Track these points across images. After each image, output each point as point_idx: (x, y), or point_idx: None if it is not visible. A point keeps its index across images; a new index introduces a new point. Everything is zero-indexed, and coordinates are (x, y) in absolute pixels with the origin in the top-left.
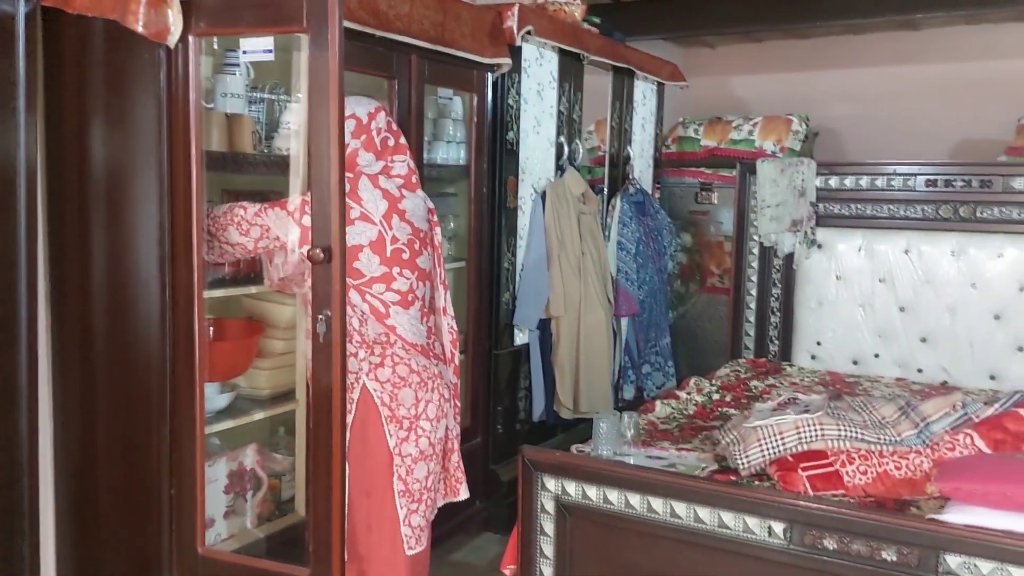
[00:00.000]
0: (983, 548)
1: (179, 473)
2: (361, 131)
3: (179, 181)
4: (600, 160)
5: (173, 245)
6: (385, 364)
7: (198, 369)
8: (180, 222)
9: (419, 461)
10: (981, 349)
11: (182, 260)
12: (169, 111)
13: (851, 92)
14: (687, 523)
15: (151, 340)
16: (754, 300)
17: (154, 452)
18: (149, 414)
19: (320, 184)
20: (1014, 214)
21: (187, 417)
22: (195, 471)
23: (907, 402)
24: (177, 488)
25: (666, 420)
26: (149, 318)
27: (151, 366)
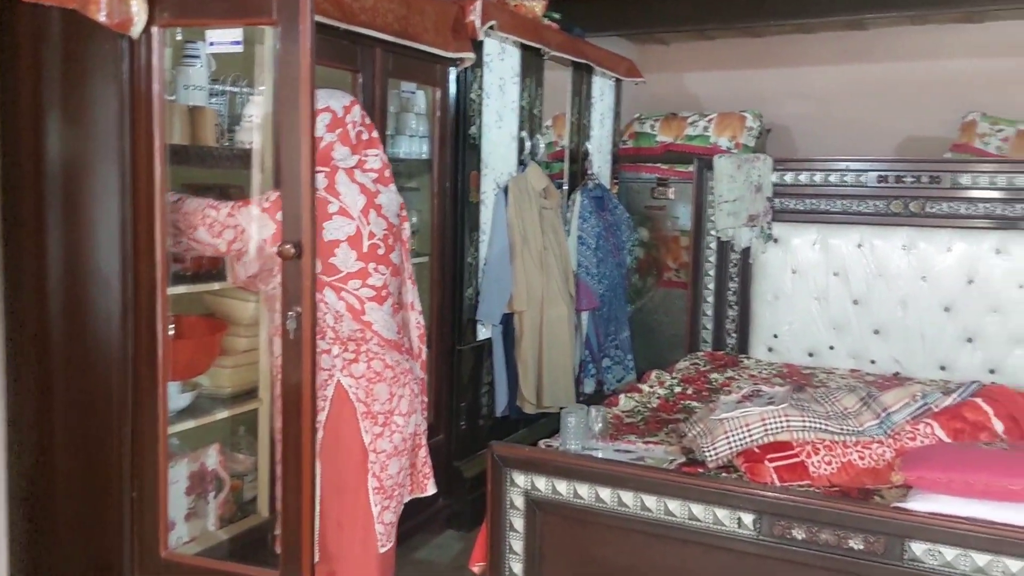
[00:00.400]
0: (947, 535)
1: (140, 475)
2: (337, 124)
3: (141, 175)
4: (558, 155)
5: (135, 241)
6: (360, 360)
7: (161, 368)
8: (142, 217)
9: (392, 457)
10: (932, 340)
11: (144, 256)
12: (131, 103)
13: (801, 90)
14: (657, 516)
15: (111, 338)
16: (712, 294)
17: (115, 453)
18: (109, 414)
19: (291, 179)
20: (962, 209)
21: (149, 417)
22: (157, 473)
23: (868, 393)
24: (139, 490)
25: (631, 413)
26: (109, 316)
27: (111, 365)
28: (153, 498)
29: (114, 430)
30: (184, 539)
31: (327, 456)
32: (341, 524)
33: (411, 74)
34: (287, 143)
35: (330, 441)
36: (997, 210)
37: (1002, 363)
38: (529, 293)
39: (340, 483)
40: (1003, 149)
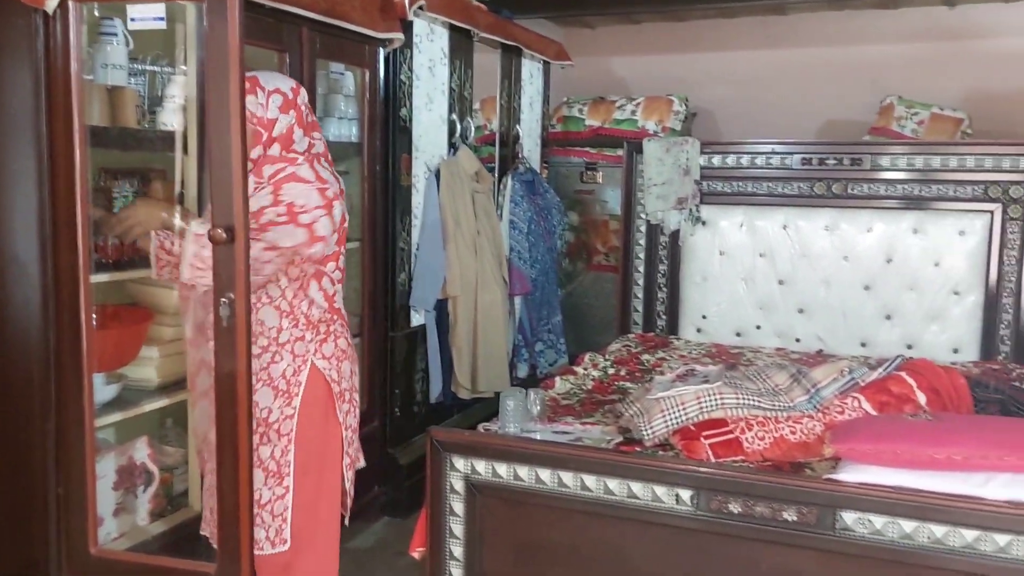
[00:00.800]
0: (876, 504)
1: (66, 470)
2: (289, 106)
3: (60, 158)
4: (487, 139)
5: (55, 227)
6: (328, 340)
7: (85, 359)
8: (62, 202)
9: (355, 432)
10: (853, 318)
11: (65, 242)
12: (47, 83)
13: (725, 74)
14: (597, 495)
15: (31, 329)
16: (642, 277)
17: (38, 449)
18: (31, 409)
19: (221, 162)
20: (881, 190)
21: (74, 411)
22: (84, 468)
23: (798, 370)
24: (65, 486)
25: (567, 395)
26: (29, 305)
27: (32, 357)
28: (80, 494)
29: (37, 425)
30: (113, 535)
31: (302, 439)
32: (316, 506)
33: (339, 55)
34: (216, 124)
35: (305, 424)
36: (914, 191)
37: (919, 339)
38: (463, 278)
39: (318, 464)
40: (918, 132)
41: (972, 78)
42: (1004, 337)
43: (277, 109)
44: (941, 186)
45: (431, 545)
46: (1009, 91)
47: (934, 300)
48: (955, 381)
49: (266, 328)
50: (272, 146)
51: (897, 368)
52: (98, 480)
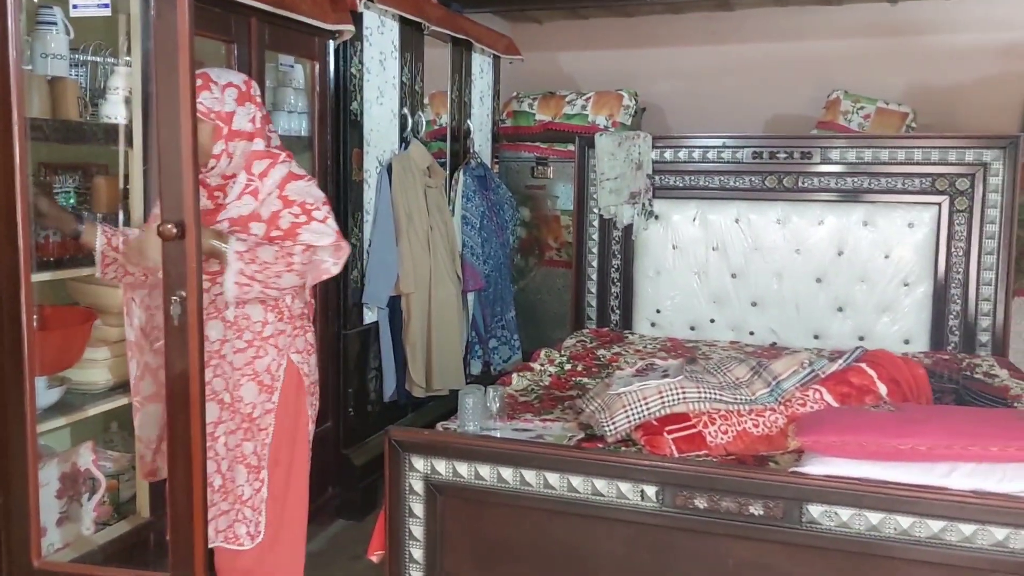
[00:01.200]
0: (842, 496)
1: (7, 479)
2: (244, 98)
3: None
4: (436, 133)
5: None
6: (302, 333)
7: (27, 362)
8: (1, 198)
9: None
10: (806, 310)
11: (4, 240)
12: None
13: (673, 69)
14: (560, 493)
15: None
16: (595, 271)
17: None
18: None
19: (170, 155)
20: (832, 183)
21: (15, 416)
22: (26, 476)
23: (758, 363)
24: (5, 496)
25: (524, 392)
26: None
27: None
28: (23, 504)
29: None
30: (57, 545)
31: (278, 431)
32: (284, 497)
33: (288, 47)
34: (165, 116)
35: (281, 416)
36: (864, 184)
37: (871, 330)
38: (416, 274)
39: (288, 456)
40: (864, 126)
41: (914, 73)
42: (953, 327)
43: (233, 102)
44: (890, 179)
45: (390, 548)
46: (950, 85)
47: (885, 292)
48: (914, 371)
49: (251, 322)
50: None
51: (857, 360)
52: (40, 488)
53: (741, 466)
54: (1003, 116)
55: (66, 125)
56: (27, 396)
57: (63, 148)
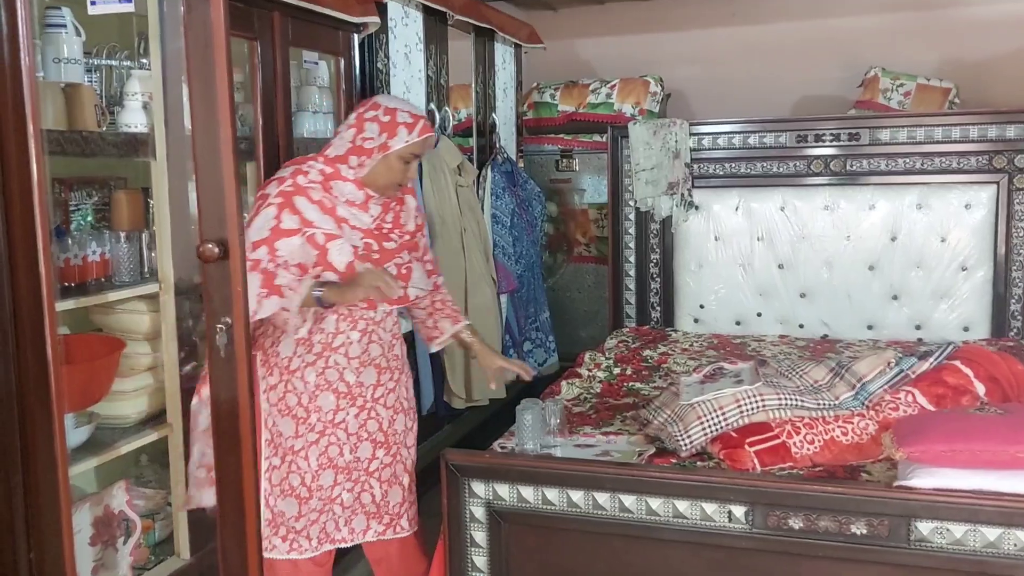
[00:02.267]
0: (954, 511)
1: (38, 531)
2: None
3: (13, 168)
4: (458, 128)
5: (11, 248)
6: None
7: (55, 398)
8: (18, 219)
9: None
10: (858, 300)
11: (23, 266)
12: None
13: (694, 53)
14: (638, 516)
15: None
16: (633, 267)
17: (3, 509)
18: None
19: (209, 166)
20: (882, 165)
21: (45, 460)
22: (60, 525)
23: (838, 363)
24: (37, 550)
25: (577, 402)
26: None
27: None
28: (57, 556)
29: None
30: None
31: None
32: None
33: (312, 42)
34: (201, 123)
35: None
36: (916, 164)
37: (928, 318)
38: (452, 278)
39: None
40: (905, 104)
41: (947, 47)
42: (1015, 312)
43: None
44: (944, 158)
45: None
46: (986, 58)
47: (942, 277)
48: (1013, 367)
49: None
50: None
51: (949, 356)
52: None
53: (840, 481)
54: None
55: (84, 136)
56: (56, 437)
57: (79, 161)
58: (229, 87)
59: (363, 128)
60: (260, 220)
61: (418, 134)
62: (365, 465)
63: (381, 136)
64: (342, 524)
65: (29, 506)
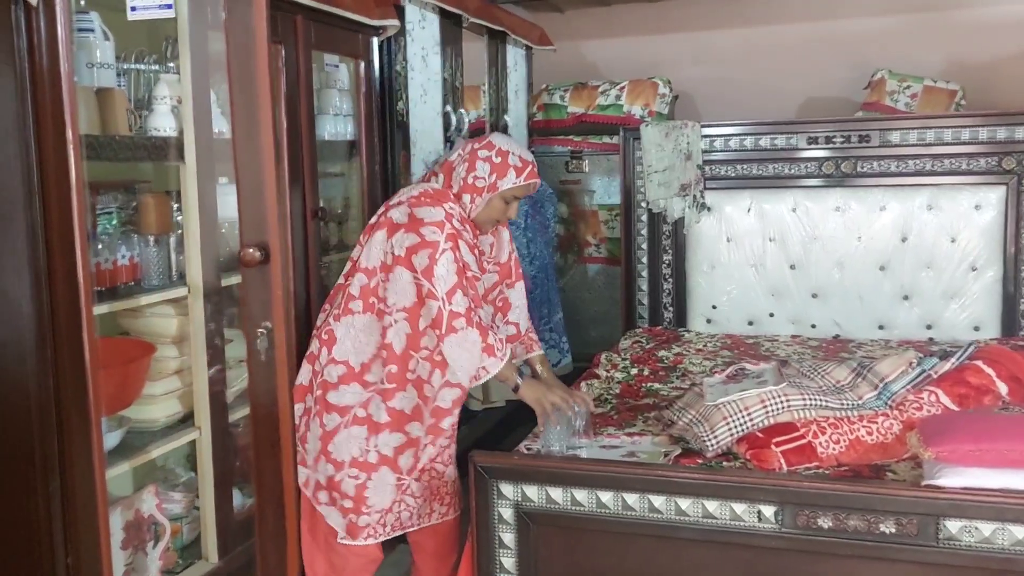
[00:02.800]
0: (983, 509)
1: (75, 535)
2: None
3: (51, 173)
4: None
5: (49, 253)
6: None
7: (92, 402)
8: (55, 223)
9: None
10: (869, 300)
11: (61, 271)
12: (33, 86)
13: (700, 55)
14: (668, 516)
15: (26, 376)
16: (645, 268)
17: (41, 514)
18: (31, 469)
19: (250, 171)
20: (892, 167)
21: (82, 464)
22: (97, 529)
23: (860, 363)
24: (74, 554)
25: (598, 403)
26: (22, 349)
27: (29, 405)
28: (95, 561)
29: (39, 485)
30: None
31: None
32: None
33: (333, 45)
34: (242, 128)
35: None
36: (927, 166)
37: (938, 318)
38: None
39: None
40: (912, 106)
41: (952, 49)
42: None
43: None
44: (954, 160)
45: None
46: (992, 60)
47: (952, 278)
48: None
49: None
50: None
51: (971, 356)
52: None
53: (869, 481)
54: None
55: (117, 140)
56: (94, 442)
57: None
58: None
59: (475, 167)
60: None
61: (525, 178)
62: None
63: (491, 176)
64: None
65: (66, 511)
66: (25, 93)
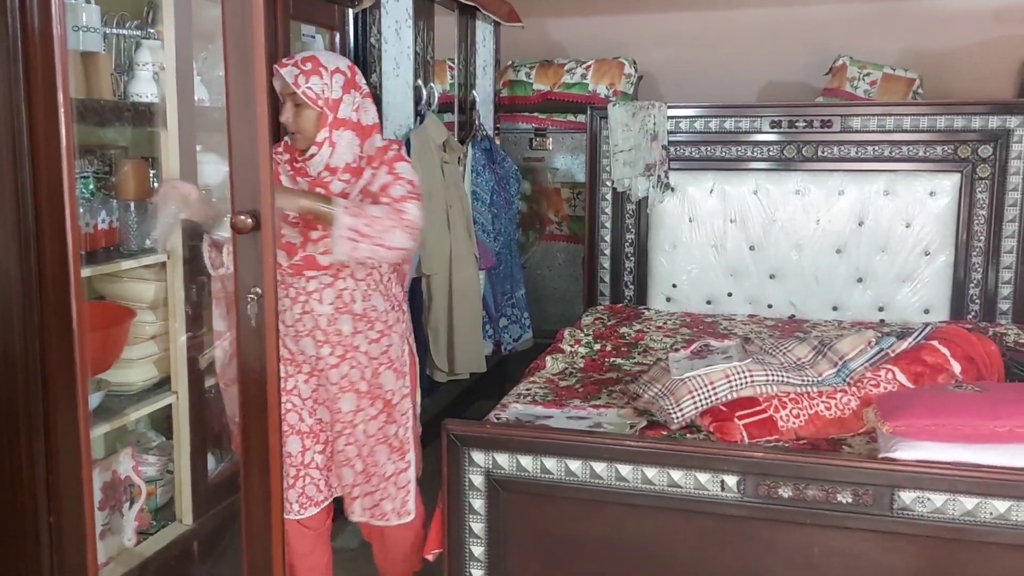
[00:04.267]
0: (936, 481)
1: (57, 495)
2: (350, 85)
3: (41, 136)
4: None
5: (37, 215)
6: (405, 319)
7: (79, 364)
8: (44, 186)
9: None
10: (825, 282)
11: (50, 233)
12: (25, 48)
13: (664, 36)
14: (634, 485)
15: (12, 335)
16: (608, 246)
17: (25, 474)
18: (15, 430)
19: (243, 138)
20: (852, 152)
21: (67, 425)
22: (80, 490)
23: (820, 342)
24: (56, 514)
25: (563, 376)
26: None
27: (15, 367)
28: (77, 521)
29: (23, 445)
30: (101, 560)
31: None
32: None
33: (310, 15)
34: (236, 96)
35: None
36: (885, 152)
37: (891, 300)
38: (438, 255)
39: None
40: (871, 93)
41: (910, 38)
42: (973, 296)
43: (340, 89)
44: (911, 147)
45: (449, 546)
46: (946, 50)
47: (906, 262)
48: (987, 348)
49: (379, 312)
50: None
51: (927, 337)
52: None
53: (828, 453)
54: (997, 81)
55: (102, 105)
56: (80, 402)
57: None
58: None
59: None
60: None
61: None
62: (330, 427)
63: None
64: (323, 485)
65: (50, 471)
66: (16, 54)
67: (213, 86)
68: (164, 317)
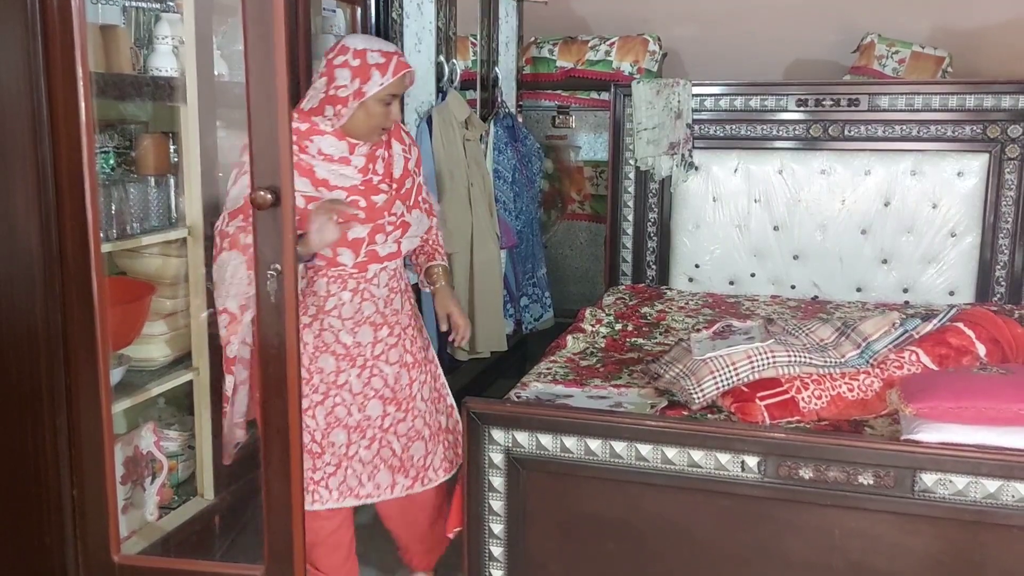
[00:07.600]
0: (958, 463)
1: (80, 469)
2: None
3: (61, 111)
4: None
5: (58, 190)
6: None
7: (100, 339)
8: (64, 161)
9: None
10: (849, 263)
11: (70, 209)
12: (43, 22)
13: (688, 13)
14: (654, 465)
15: (34, 308)
16: (631, 226)
17: (48, 447)
18: (39, 403)
19: (263, 112)
20: (879, 132)
21: (89, 399)
22: (103, 463)
23: (844, 323)
24: (79, 487)
25: (584, 355)
26: (30, 281)
27: (38, 341)
28: (99, 494)
29: (46, 419)
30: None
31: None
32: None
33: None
34: (257, 70)
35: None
36: (912, 132)
37: (915, 282)
38: (459, 234)
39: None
40: (899, 71)
41: (940, 15)
42: (999, 278)
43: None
44: (940, 126)
45: (469, 523)
46: (978, 28)
47: (931, 243)
48: (1013, 330)
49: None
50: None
51: (952, 319)
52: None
53: (850, 435)
54: None
55: (120, 79)
56: (101, 377)
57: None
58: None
59: (334, 76)
60: (236, 190)
61: (392, 74)
62: (379, 423)
63: (354, 82)
64: (365, 479)
65: (72, 445)
66: (35, 28)
67: (233, 60)
68: (184, 293)
